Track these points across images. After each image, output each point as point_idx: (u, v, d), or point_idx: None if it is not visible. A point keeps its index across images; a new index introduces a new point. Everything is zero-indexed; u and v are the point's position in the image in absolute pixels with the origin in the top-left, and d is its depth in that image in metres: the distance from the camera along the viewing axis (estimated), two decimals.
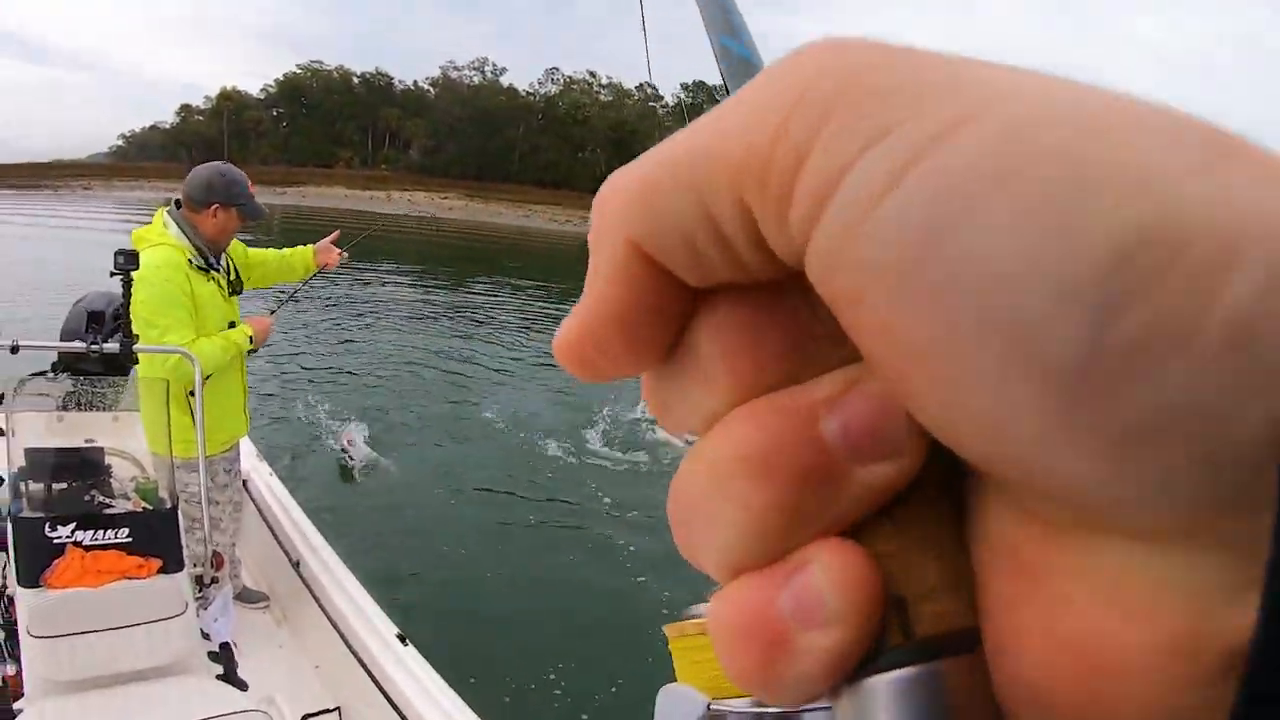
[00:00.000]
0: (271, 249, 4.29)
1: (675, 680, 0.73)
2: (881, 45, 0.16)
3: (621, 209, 0.19)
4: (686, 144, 0.19)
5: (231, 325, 3.79)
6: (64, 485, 3.15)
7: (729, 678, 0.20)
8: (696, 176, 0.17)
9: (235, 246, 3.94)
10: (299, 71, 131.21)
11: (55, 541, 2.83)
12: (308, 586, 4.15)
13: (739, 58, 0.62)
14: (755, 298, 0.19)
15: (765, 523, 0.18)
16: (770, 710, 0.65)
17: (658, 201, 0.18)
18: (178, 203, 3.69)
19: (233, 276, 3.88)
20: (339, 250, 4.26)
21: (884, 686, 0.17)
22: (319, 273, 4.32)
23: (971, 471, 0.18)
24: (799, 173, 0.16)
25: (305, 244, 4.28)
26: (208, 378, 3.48)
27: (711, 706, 0.67)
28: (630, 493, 7.52)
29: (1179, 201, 0.13)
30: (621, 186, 0.20)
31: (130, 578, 2.88)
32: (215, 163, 3.81)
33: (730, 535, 0.19)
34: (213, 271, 3.69)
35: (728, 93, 0.44)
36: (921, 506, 0.18)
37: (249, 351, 3.90)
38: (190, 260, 3.57)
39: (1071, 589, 0.16)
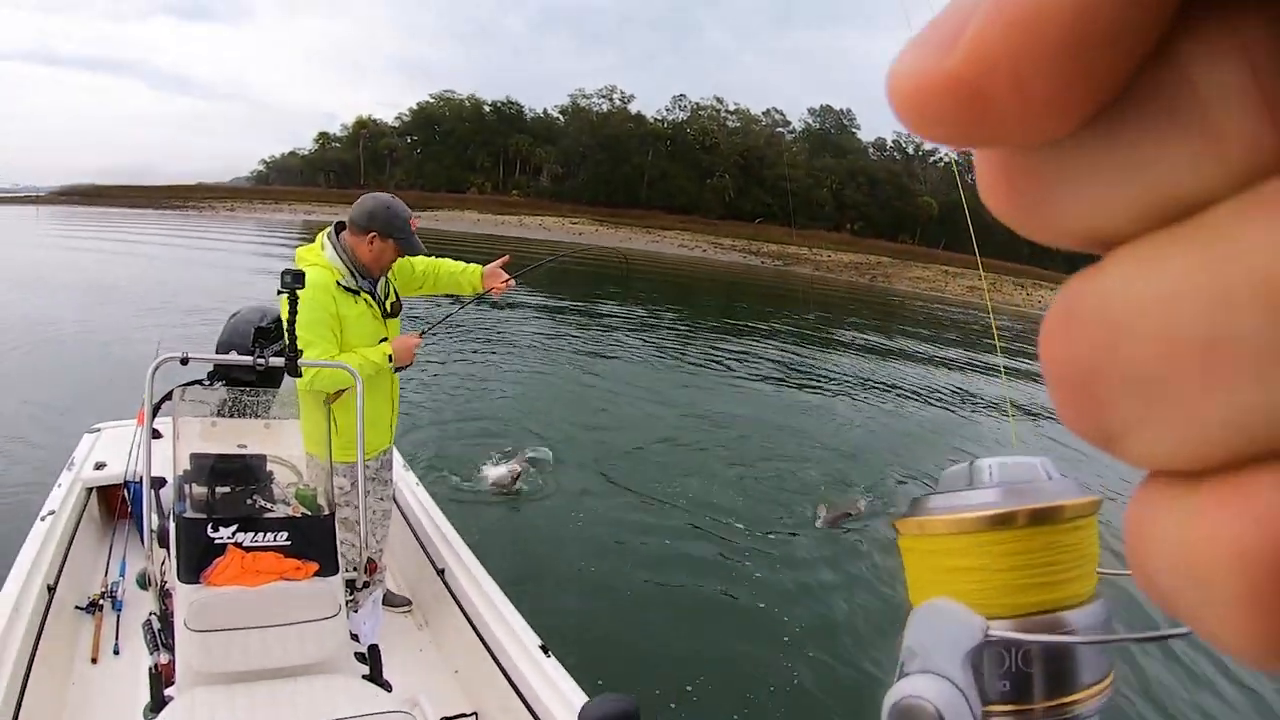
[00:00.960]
0: (447, 259, 4.39)
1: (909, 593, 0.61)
2: None
3: None
4: None
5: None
6: (226, 489, 3.25)
7: (1173, 606, 0.15)
8: None
9: (401, 260, 4.04)
10: (432, 100, 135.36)
11: (216, 541, 2.91)
12: (451, 593, 4.24)
13: None
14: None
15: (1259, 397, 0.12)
16: (1073, 639, 0.53)
17: None
18: (340, 225, 3.82)
19: (390, 299, 3.98)
20: (507, 276, 4.30)
21: None
22: (484, 295, 4.37)
23: None
24: None
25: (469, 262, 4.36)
26: (341, 392, 3.65)
27: (991, 632, 0.53)
28: (802, 570, 7.31)
29: None
30: None
31: (287, 579, 2.95)
32: (383, 194, 3.92)
33: (1198, 414, 0.13)
34: (363, 293, 3.79)
35: None
36: None
37: (399, 368, 3.99)
38: (339, 281, 3.68)
39: None
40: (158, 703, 2.83)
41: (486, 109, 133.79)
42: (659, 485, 8.43)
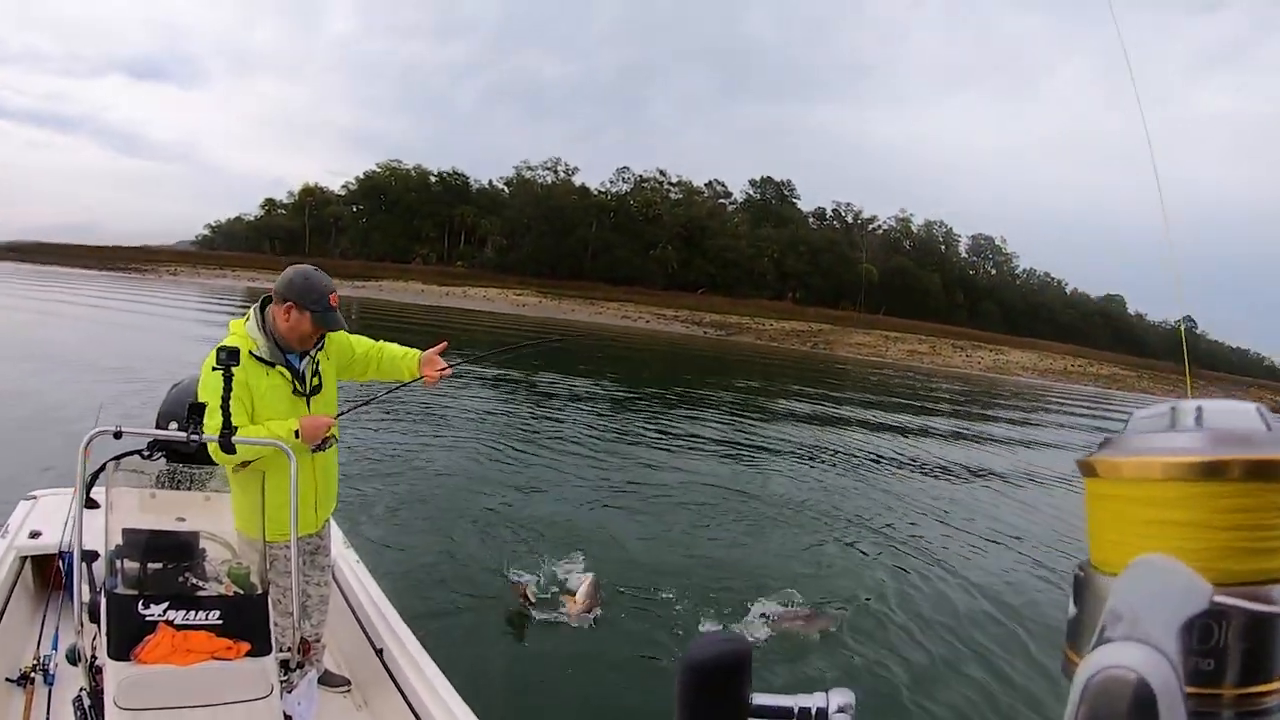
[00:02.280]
0: (392, 344, 4.33)
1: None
2: None
3: None
4: None
5: None
6: (159, 565, 3.23)
7: None
8: None
9: (340, 337, 4.04)
10: (379, 170, 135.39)
11: (148, 619, 2.88)
12: (390, 674, 4.17)
13: None
14: None
15: None
16: None
17: None
18: (268, 298, 3.81)
19: (313, 380, 3.93)
20: (444, 364, 4.22)
21: None
22: (417, 381, 4.27)
23: None
24: None
25: (381, 338, 4.35)
26: (245, 463, 3.59)
27: (1216, 599, 0.48)
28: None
29: None
30: None
31: (219, 659, 2.92)
32: (306, 265, 3.91)
33: None
34: (278, 366, 3.76)
35: None
36: None
37: (319, 448, 3.89)
38: (253, 352, 3.67)
39: None
40: None
41: (433, 179, 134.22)
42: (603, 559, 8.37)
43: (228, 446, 3.27)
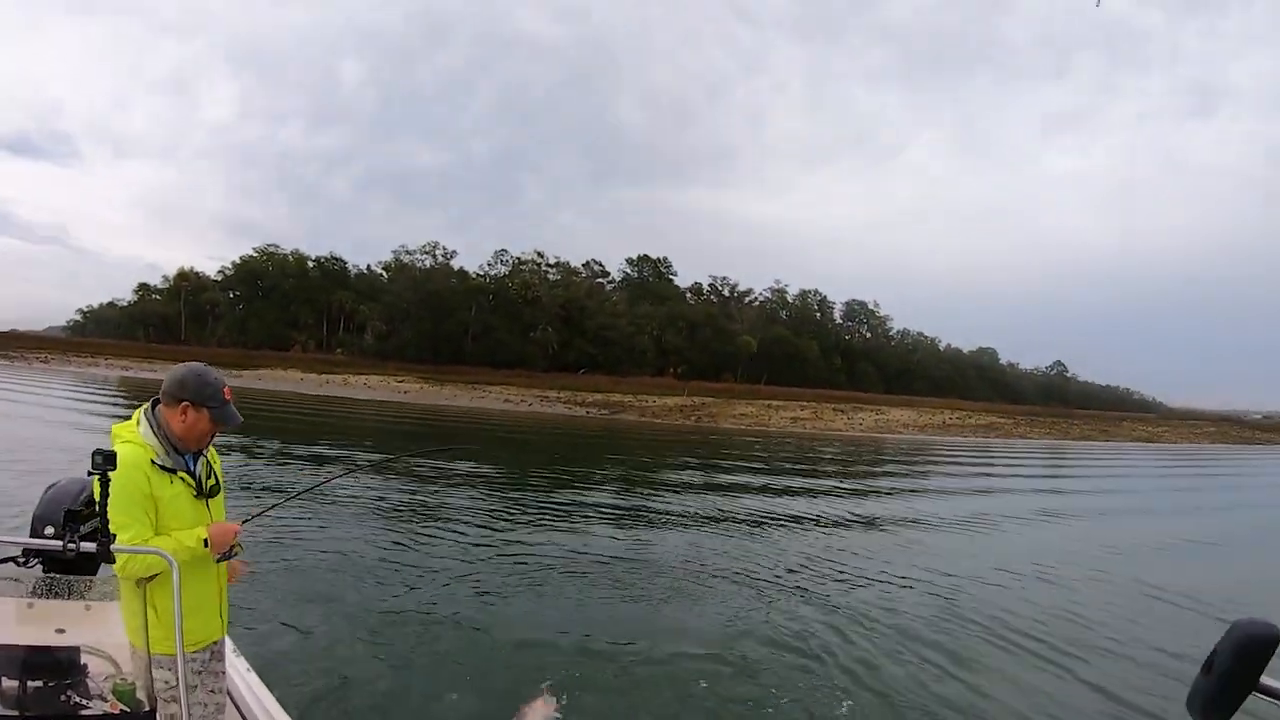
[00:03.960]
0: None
1: None
2: None
3: None
4: None
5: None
6: (39, 684, 3.09)
7: None
8: None
9: (213, 456, 3.96)
10: (255, 255, 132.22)
11: None
12: None
13: None
14: None
15: None
16: None
17: None
18: (155, 402, 3.73)
19: (209, 481, 3.88)
20: (237, 553, 3.97)
21: None
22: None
23: None
24: None
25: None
26: (153, 576, 3.47)
27: None
28: None
29: None
30: None
31: None
32: (195, 364, 3.86)
33: None
34: (180, 473, 3.69)
35: None
36: None
37: (220, 557, 3.84)
38: (153, 459, 3.59)
39: None
40: None
41: (310, 264, 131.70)
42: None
43: (106, 555, 3.12)
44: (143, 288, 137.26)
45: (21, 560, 3.70)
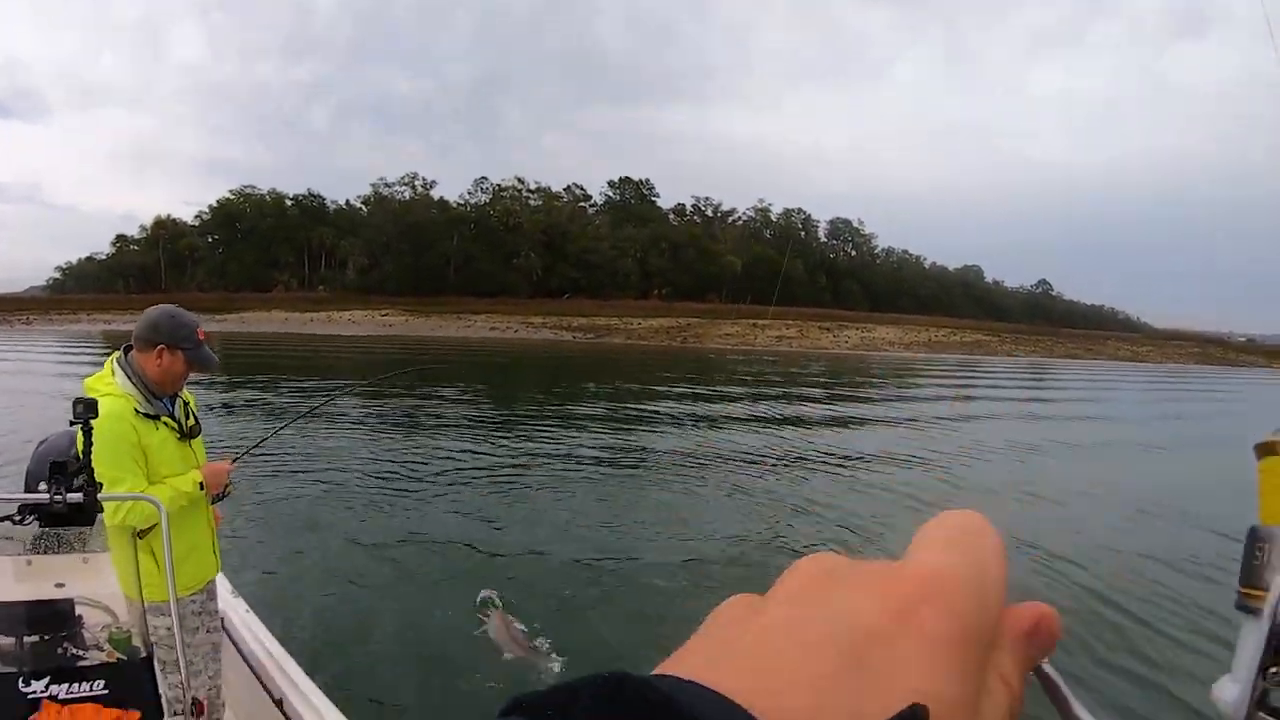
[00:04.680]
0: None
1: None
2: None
3: None
4: None
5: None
6: (35, 639, 3.09)
7: None
8: None
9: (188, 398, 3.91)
10: (232, 197, 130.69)
11: (30, 697, 2.73)
12: None
13: None
14: None
15: None
16: None
17: None
18: (127, 348, 3.66)
19: (190, 421, 3.83)
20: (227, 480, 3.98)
21: None
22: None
23: None
24: None
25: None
26: (152, 527, 3.44)
27: None
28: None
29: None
30: None
31: None
32: (167, 305, 3.76)
33: None
34: (162, 418, 3.64)
35: None
36: None
37: (218, 497, 3.89)
38: (136, 409, 3.53)
39: None
40: None
41: (288, 203, 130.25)
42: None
43: (93, 505, 3.05)
44: (120, 239, 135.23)
45: (18, 519, 3.61)
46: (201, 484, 3.68)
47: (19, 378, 28.23)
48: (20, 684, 2.74)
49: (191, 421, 3.84)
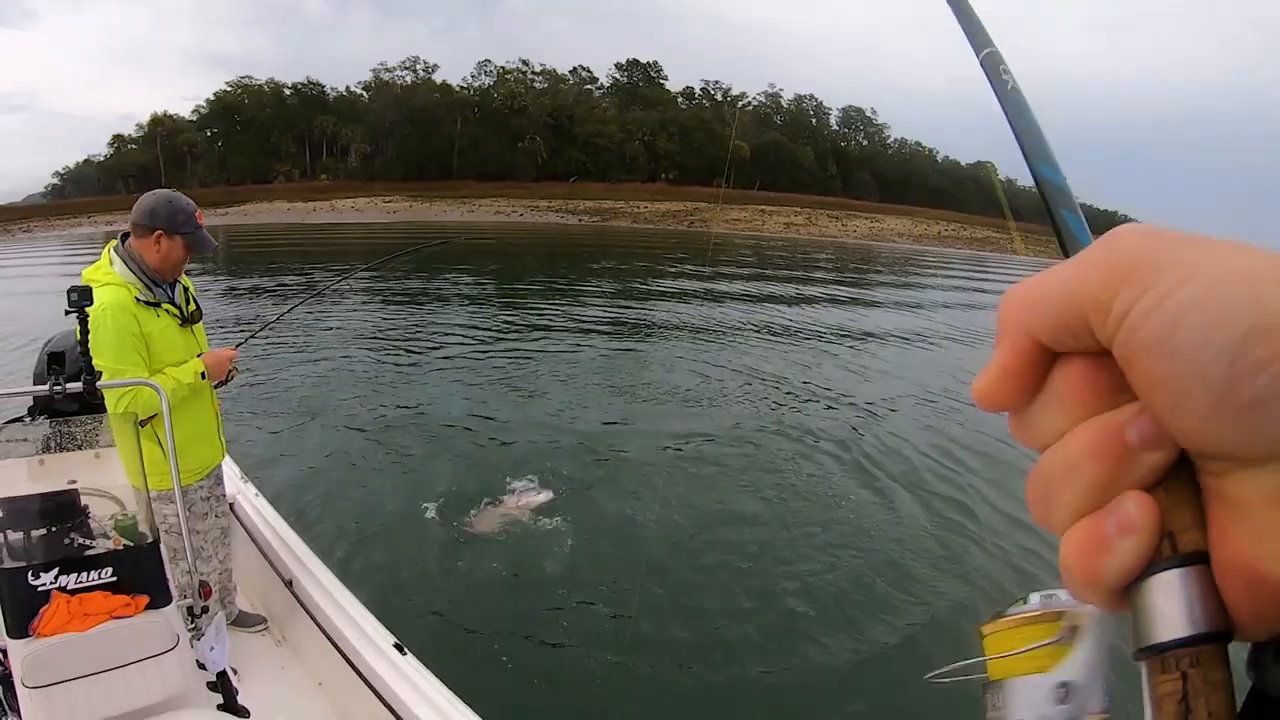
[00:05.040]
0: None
1: (988, 675, 0.82)
2: (1151, 232, 0.33)
3: (1020, 313, 0.35)
4: (1057, 281, 0.34)
5: (200, 355, 3.74)
6: (43, 531, 3.06)
7: (1071, 586, 0.34)
8: (1065, 301, 0.33)
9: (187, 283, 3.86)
10: (229, 89, 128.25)
11: (40, 589, 2.77)
12: (302, 604, 4.12)
13: (1053, 183, 0.78)
14: (1094, 360, 0.33)
15: (1097, 485, 0.33)
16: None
17: (1041, 311, 0.34)
18: (124, 235, 3.62)
19: (191, 306, 3.80)
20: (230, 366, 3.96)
21: (1163, 579, 0.32)
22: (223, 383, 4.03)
23: (1198, 456, 0.33)
24: (1113, 304, 0.32)
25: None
26: (154, 416, 3.44)
27: (1059, 682, 0.74)
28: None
29: (1270, 315, 0.28)
30: (1019, 298, 0.35)
31: (118, 617, 2.83)
32: (163, 190, 3.72)
33: (1077, 495, 0.33)
34: (163, 305, 3.61)
35: (1049, 211, 0.72)
36: (1178, 479, 0.33)
37: (221, 384, 3.87)
38: (137, 297, 3.50)
39: (1236, 515, 0.32)
40: None
41: (287, 92, 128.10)
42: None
43: (91, 393, 3.08)
44: (117, 139, 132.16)
45: (28, 420, 3.65)
46: (203, 373, 3.66)
47: (26, 282, 27.98)
48: (29, 577, 2.77)
49: (192, 307, 3.81)
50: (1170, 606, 0.32)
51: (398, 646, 3.56)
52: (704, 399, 11.33)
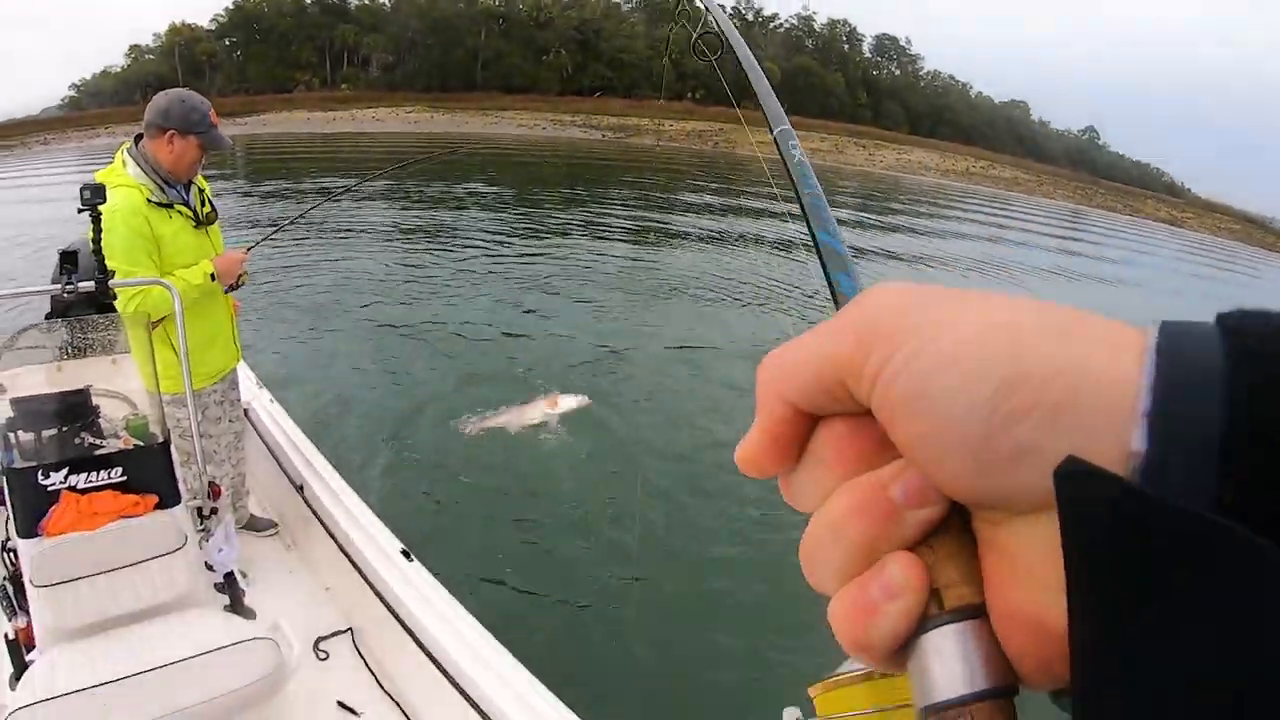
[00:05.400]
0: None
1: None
2: (904, 290, 0.34)
3: (775, 382, 0.35)
4: (813, 345, 0.34)
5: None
6: (53, 431, 3.11)
7: (846, 650, 0.34)
8: (820, 366, 0.33)
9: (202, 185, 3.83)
10: None
11: (49, 489, 2.80)
12: (313, 510, 4.17)
13: (830, 247, 0.87)
14: (855, 420, 0.34)
15: (862, 546, 0.33)
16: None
17: (797, 377, 0.34)
18: (138, 137, 3.59)
19: (206, 208, 3.77)
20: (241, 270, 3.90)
21: (932, 638, 0.32)
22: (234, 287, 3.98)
23: (974, 507, 0.33)
24: (865, 366, 0.32)
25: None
26: (158, 321, 3.45)
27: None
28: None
29: (1023, 364, 0.29)
30: (774, 366, 0.35)
31: (127, 516, 2.85)
32: (176, 89, 3.68)
33: (842, 557, 0.33)
34: (176, 206, 3.58)
35: (825, 274, 0.85)
36: (946, 533, 0.33)
37: (229, 288, 3.84)
38: (150, 199, 3.47)
39: (1013, 565, 0.32)
40: (19, 671, 2.67)
41: (308, 1, 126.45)
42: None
43: (104, 292, 3.08)
44: (134, 50, 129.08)
45: (46, 325, 3.70)
46: (213, 275, 3.63)
47: (45, 189, 27.81)
48: (39, 476, 2.80)
49: (207, 209, 3.79)
50: (944, 665, 0.31)
51: (405, 553, 3.60)
52: (719, 318, 11.40)
